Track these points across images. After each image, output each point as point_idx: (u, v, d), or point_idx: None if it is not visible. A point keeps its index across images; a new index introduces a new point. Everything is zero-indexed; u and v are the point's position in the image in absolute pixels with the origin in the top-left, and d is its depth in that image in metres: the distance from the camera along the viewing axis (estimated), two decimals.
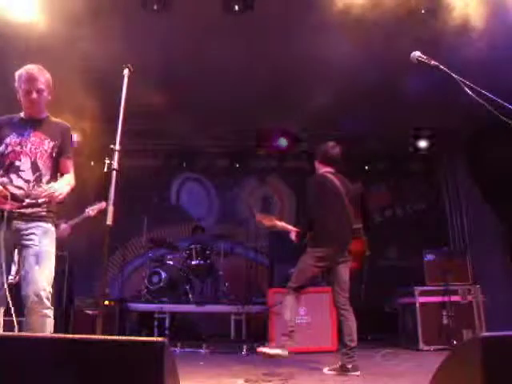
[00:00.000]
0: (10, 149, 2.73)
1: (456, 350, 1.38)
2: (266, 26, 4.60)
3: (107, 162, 2.54)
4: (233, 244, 7.11)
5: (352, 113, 6.13)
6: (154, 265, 6.66)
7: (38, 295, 2.50)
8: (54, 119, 2.95)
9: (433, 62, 2.47)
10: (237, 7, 4.33)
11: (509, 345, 1.25)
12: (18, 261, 2.70)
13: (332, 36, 4.43)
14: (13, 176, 2.70)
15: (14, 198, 2.63)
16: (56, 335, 1.40)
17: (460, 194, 7.57)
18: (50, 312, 2.56)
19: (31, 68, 2.80)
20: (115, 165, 2.47)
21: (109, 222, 2.34)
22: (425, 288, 5.72)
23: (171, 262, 6.71)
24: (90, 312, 5.38)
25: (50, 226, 2.73)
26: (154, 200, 7.51)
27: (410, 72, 4.28)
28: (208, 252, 6.61)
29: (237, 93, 5.66)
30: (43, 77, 2.82)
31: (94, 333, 2.80)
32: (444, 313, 5.47)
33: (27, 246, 2.62)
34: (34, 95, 2.78)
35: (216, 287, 6.54)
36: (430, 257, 5.94)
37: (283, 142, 7.12)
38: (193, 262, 6.44)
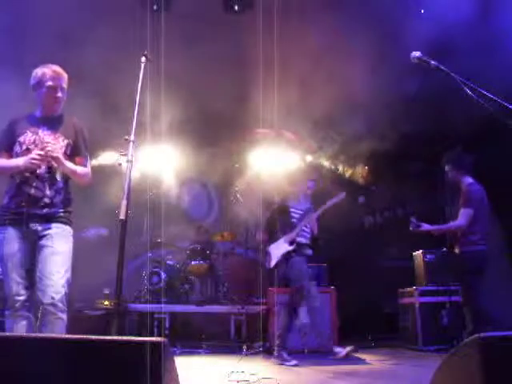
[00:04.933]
0: (24, 147, 2.69)
1: (456, 350, 1.38)
2: None
3: (121, 153, 2.42)
4: (233, 244, 7.11)
5: (352, 113, 6.13)
6: (153, 265, 6.65)
7: (52, 298, 2.48)
8: (67, 117, 2.90)
9: (433, 62, 2.47)
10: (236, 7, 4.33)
11: (509, 345, 1.25)
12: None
13: None
14: (29, 175, 2.65)
15: (32, 198, 2.63)
16: (56, 335, 1.40)
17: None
18: (64, 314, 2.52)
19: (55, 66, 2.78)
20: (130, 156, 2.36)
21: (122, 216, 2.20)
22: (425, 288, 5.72)
23: (171, 262, 6.71)
24: (89, 312, 5.38)
25: (66, 227, 2.70)
26: (155, 200, 7.50)
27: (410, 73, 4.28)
28: (208, 252, 6.62)
29: None
30: (64, 77, 2.80)
31: (93, 333, 2.80)
32: (444, 313, 5.48)
33: (43, 247, 2.58)
34: (59, 93, 2.75)
35: (216, 287, 6.54)
36: (429, 257, 5.94)
37: None
38: (193, 262, 6.43)
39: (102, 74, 4.86)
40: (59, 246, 2.60)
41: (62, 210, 2.69)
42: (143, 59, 2.62)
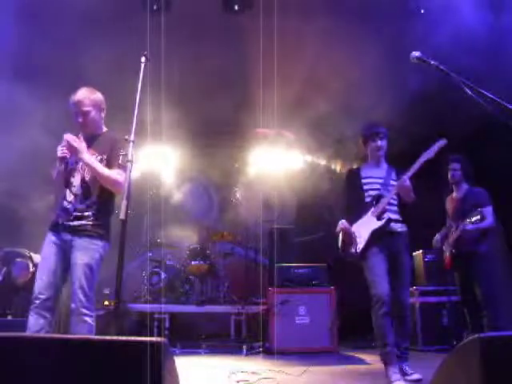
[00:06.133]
0: (69, 167, 2.96)
1: (456, 350, 1.38)
2: None
3: (121, 153, 2.60)
4: (233, 244, 7.11)
5: (352, 113, 6.13)
6: (153, 265, 6.65)
7: (75, 304, 2.77)
8: (108, 133, 3.09)
9: (432, 62, 2.46)
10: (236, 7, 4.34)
11: (509, 345, 1.25)
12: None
13: None
14: (67, 191, 2.94)
15: (65, 210, 2.90)
16: (56, 335, 1.40)
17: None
18: (87, 318, 2.79)
19: (77, 93, 2.98)
20: (130, 156, 2.40)
21: (122, 216, 2.24)
22: (425, 288, 5.72)
23: (171, 262, 6.71)
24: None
25: (92, 240, 2.88)
26: (155, 199, 7.50)
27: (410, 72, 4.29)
28: (208, 252, 6.62)
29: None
30: (89, 99, 2.97)
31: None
32: (444, 313, 5.47)
33: (70, 258, 2.84)
34: (79, 119, 2.98)
35: (216, 287, 6.53)
36: (429, 257, 5.94)
37: None
38: (193, 262, 6.43)
39: (101, 73, 4.85)
40: (80, 257, 2.81)
41: (90, 223, 2.88)
42: (143, 59, 2.65)
